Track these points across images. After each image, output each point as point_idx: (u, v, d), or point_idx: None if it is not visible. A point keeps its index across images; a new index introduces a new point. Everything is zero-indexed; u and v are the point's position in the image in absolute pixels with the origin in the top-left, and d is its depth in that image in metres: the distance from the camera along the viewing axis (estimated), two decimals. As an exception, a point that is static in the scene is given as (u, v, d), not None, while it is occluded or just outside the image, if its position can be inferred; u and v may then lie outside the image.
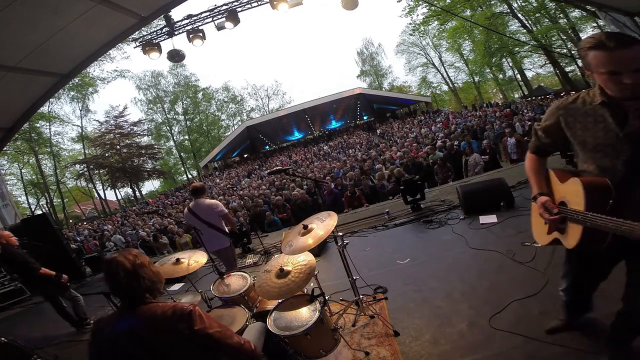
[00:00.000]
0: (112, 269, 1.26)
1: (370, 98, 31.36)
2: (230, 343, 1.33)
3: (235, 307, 2.27)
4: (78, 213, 35.82)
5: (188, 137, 40.67)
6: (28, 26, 4.52)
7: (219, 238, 3.56)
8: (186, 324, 1.23)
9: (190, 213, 3.55)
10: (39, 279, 3.53)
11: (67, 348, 3.53)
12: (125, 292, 1.29)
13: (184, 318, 1.23)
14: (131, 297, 1.29)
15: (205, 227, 3.42)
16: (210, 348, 1.29)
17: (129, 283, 1.26)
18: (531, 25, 24.42)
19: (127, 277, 1.25)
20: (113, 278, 1.26)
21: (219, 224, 3.55)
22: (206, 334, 1.26)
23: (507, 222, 3.57)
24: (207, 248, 2.88)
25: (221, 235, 3.56)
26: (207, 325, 1.27)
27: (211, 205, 3.55)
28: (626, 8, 7.14)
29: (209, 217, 3.49)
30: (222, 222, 3.60)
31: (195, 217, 3.48)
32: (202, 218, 3.47)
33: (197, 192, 3.66)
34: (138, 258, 1.31)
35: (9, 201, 7.81)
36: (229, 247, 3.67)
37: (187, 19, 7.17)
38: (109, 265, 1.27)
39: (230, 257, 3.75)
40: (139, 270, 1.27)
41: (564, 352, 1.74)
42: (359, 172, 8.36)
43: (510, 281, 2.51)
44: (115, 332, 1.25)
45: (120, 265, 1.25)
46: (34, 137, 28.32)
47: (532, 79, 31.17)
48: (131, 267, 1.26)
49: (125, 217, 19.11)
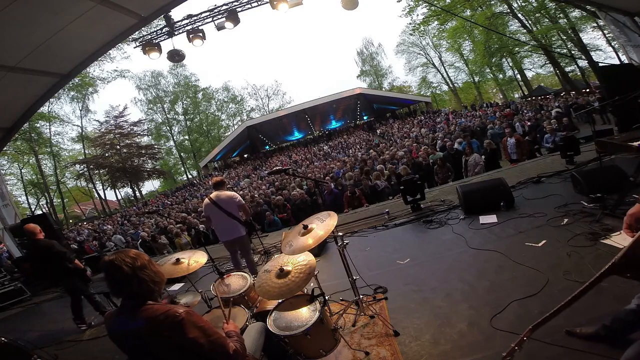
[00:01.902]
0: (111, 270, 1.25)
1: (370, 98, 31.36)
2: (219, 352, 1.30)
3: (235, 307, 2.27)
4: (78, 213, 35.82)
5: (188, 137, 40.70)
6: (28, 26, 4.52)
7: (237, 227, 3.88)
8: (174, 332, 1.21)
9: (212, 203, 3.82)
10: (70, 270, 3.72)
11: (67, 348, 3.53)
12: (125, 293, 1.28)
13: (174, 325, 1.21)
14: (131, 298, 1.28)
15: (225, 217, 3.76)
16: (199, 355, 1.27)
17: (127, 284, 1.25)
18: (531, 25, 24.42)
19: (126, 278, 1.24)
20: (112, 279, 1.26)
21: (236, 213, 3.86)
22: (196, 343, 1.23)
23: (507, 222, 3.58)
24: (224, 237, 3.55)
25: (238, 224, 3.89)
26: (199, 335, 1.24)
27: (231, 196, 3.89)
28: (626, 8, 7.15)
29: (229, 207, 3.81)
30: (239, 212, 3.90)
31: (216, 207, 3.78)
32: (223, 208, 3.78)
33: (219, 185, 4.01)
34: (138, 259, 1.29)
35: (9, 201, 7.80)
36: (245, 236, 3.99)
37: (187, 19, 7.17)
38: (107, 266, 1.26)
39: (247, 245, 4.09)
40: (138, 272, 1.26)
41: (564, 352, 1.74)
42: (359, 172, 8.36)
43: (510, 281, 2.51)
44: (115, 330, 1.27)
45: (118, 267, 1.24)
46: (34, 137, 28.31)
47: (532, 79, 31.18)
48: (130, 268, 1.25)
49: (125, 217, 19.12)
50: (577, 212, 3.30)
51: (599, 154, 4.06)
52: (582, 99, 15.17)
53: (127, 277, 1.24)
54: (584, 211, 3.28)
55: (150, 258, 1.39)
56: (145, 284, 1.28)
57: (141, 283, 1.27)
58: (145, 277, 1.28)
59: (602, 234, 2.74)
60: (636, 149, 2.78)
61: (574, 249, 2.67)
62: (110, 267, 1.25)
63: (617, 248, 2.51)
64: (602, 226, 2.88)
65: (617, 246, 2.53)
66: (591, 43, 23.25)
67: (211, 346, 1.27)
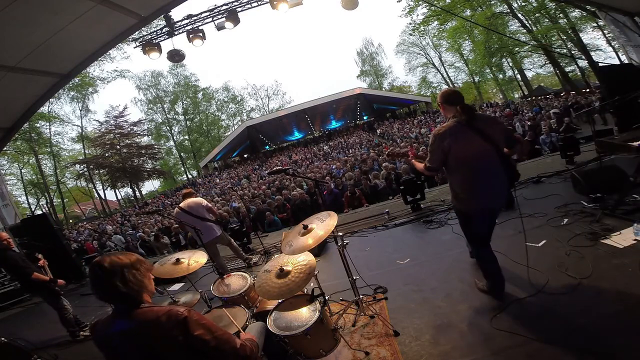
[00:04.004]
0: (93, 273, 1.21)
1: (370, 98, 31.35)
2: (226, 349, 1.29)
3: (235, 307, 2.28)
4: (78, 213, 35.81)
5: (188, 137, 40.70)
6: (28, 26, 4.52)
7: (213, 227, 4.16)
8: (181, 331, 1.19)
9: (182, 212, 4.05)
10: (31, 284, 3.42)
11: (67, 348, 3.52)
12: (108, 297, 1.25)
13: (179, 324, 1.19)
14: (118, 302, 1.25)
15: (199, 221, 3.95)
16: (206, 353, 1.25)
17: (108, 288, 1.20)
18: (531, 25, 24.42)
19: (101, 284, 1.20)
20: (93, 283, 1.22)
21: (207, 216, 4.14)
22: (202, 341, 1.22)
23: (507, 222, 3.57)
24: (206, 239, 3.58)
25: (213, 225, 4.19)
26: (204, 332, 1.23)
27: (198, 202, 4.19)
28: (626, 8, 7.14)
29: (199, 212, 4.09)
30: (209, 214, 4.18)
31: (188, 214, 4.01)
32: (194, 214, 4.03)
33: (187, 196, 4.33)
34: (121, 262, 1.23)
35: (9, 201, 7.80)
36: (223, 233, 4.32)
37: (187, 19, 7.15)
38: (90, 269, 1.23)
39: (227, 240, 4.40)
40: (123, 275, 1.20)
41: (564, 352, 1.74)
42: (359, 172, 8.36)
43: (510, 281, 2.51)
44: (108, 334, 1.23)
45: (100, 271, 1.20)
46: (34, 137, 28.29)
47: (532, 79, 31.18)
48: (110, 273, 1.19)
49: (124, 217, 19.11)
50: (577, 212, 3.30)
51: (599, 154, 4.06)
52: (582, 99, 15.17)
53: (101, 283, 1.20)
54: (584, 211, 3.28)
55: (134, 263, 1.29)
56: (128, 289, 1.21)
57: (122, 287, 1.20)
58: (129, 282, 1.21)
59: (602, 234, 2.74)
60: (636, 149, 2.78)
61: (574, 249, 2.67)
62: (92, 270, 1.22)
63: (617, 248, 2.51)
64: (602, 226, 2.87)
65: (617, 246, 2.53)
66: (591, 43, 23.29)
67: (217, 342, 1.26)
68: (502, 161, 2.14)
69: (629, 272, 2.20)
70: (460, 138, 2.10)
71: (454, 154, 2.13)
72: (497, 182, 2.16)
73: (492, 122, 2.24)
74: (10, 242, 3.53)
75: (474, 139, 2.09)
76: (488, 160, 2.11)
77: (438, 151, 2.17)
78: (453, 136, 2.10)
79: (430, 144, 2.22)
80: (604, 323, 1.86)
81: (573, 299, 2.13)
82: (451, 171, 2.25)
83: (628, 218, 2.81)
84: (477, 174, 2.14)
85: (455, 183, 2.26)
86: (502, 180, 2.17)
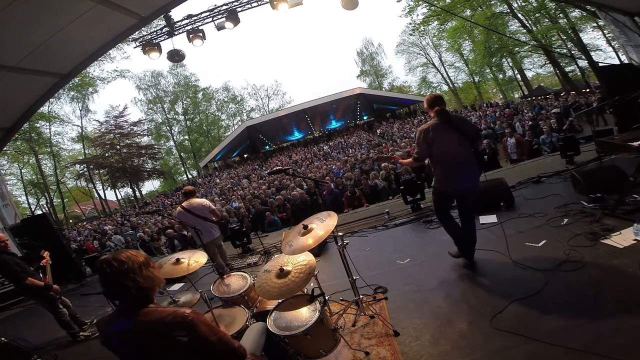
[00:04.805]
0: (101, 271, 1.22)
1: (370, 98, 31.34)
2: (226, 349, 1.30)
3: (235, 307, 2.28)
4: (78, 213, 35.81)
5: (188, 137, 40.68)
6: (28, 26, 4.52)
7: (213, 228, 4.20)
8: (186, 332, 1.19)
9: (185, 211, 4.04)
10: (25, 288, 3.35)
11: (67, 348, 3.52)
12: (115, 295, 1.25)
13: (185, 325, 1.20)
14: (123, 300, 1.26)
15: (200, 221, 3.96)
16: (207, 353, 1.26)
17: (117, 286, 1.21)
18: (531, 25, 24.40)
19: (115, 281, 1.20)
20: (102, 280, 1.23)
21: (210, 217, 4.14)
22: (207, 341, 1.23)
23: (507, 222, 3.57)
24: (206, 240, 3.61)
25: (214, 226, 4.23)
26: (209, 333, 1.24)
27: (202, 203, 4.21)
28: (626, 8, 7.14)
29: (203, 213, 4.09)
30: (212, 215, 4.18)
31: (191, 214, 4.00)
32: (197, 214, 4.03)
33: (190, 194, 4.29)
34: (128, 261, 1.23)
35: (9, 201, 7.79)
36: (220, 236, 4.38)
37: (187, 19, 7.15)
38: (98, 267, 1.23)
39: (219, 243, 4.41)
40: (130, 274, 1.21)
41: (564, 352, 1.74)
42: (359, 172, 8.36)
43: (510, 281, 2.51)
44: (109, 332, 1.24)
45: (107, 269, 1.20)
46: (34, 137, 28.27)
47: (532, 79, 31.16)
48: (120, 271, 1.20)
49: (124, 217, 19.10)
50: (577, 212, 3.30)
51: (599, 154, 4.06)
52: (583, 99, 15.17)
53: (116, 279, 1.19)
54: (584, 211, 3.27)
55: (147, 260, 1.31)
56: (137, 286, 1.22)
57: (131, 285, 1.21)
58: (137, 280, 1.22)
59: (602, 234, 2.74)
60: (636, 149, 2.78)
61: (574, 249, 2.67)
62: (99, 268, 1.22)
63: (617, 248, 2.51)
64: (602, 226, 2.87)
65: (617, 246, 2.53)
66: (591, 43, 23.27)
67: (220, 343, 1.27)
68: (474, 152, 2.68)
69: (629, 272, 2.21)
70: (441, 133, 2.61)
71: (436, 145, 2.63)
72: (470, 169, 2.69)
73: (465, 121, 2.86)
74: (7, 244, 3.46)
75: (452, 133, 2.61)
76: (462, 150, 2.63)
77: (423, 144, 2.66)
78: (435, 131, 2.62)
79: (416, 138, 2.73)
80: (604, 323, 1.86)
81: (573, 299, 2.13)
82: (434, 161, 2.76)
83: (628, 218, 2.81)
84: (454, 163, 2.66)
85: (438, 170, 2.78)
86: (474, 168, 2.71)
